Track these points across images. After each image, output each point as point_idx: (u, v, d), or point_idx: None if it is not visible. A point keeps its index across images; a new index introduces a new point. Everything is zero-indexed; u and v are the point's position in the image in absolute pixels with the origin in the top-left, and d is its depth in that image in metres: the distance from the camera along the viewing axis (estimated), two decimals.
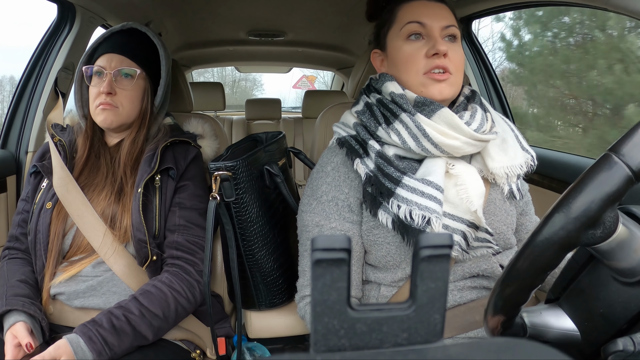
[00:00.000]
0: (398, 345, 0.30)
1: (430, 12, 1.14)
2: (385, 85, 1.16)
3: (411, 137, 1.09)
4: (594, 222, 0.65)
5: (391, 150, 1.13)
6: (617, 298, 0.72)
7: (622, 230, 0.68)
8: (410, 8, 1.16)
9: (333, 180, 1.17)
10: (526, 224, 1.30)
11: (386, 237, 1.12)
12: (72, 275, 1.30)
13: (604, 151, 0.66)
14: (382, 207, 1.09)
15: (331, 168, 1.19)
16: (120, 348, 1.16)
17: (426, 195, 1.04)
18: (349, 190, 1.16)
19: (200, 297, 1.34)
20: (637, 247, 0.69)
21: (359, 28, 2.75)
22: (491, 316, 0.74)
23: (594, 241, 0.67)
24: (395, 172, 1.08)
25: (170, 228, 1.36)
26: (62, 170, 1.35)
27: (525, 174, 1.19)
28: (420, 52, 1.12)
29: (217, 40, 3.31)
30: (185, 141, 1.48)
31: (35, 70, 1.95)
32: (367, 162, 1.12)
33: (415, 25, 1.13)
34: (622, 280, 0.72)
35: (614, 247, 0.69)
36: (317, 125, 1.79)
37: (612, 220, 0.67)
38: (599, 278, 0.76)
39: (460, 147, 1.09)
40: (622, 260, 0.70)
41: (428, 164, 1.10)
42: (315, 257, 0.28)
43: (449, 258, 0.29)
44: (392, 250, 1.12)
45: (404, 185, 1.06)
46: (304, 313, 1.23)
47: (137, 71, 1.41)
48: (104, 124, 1.39)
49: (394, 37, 1.17)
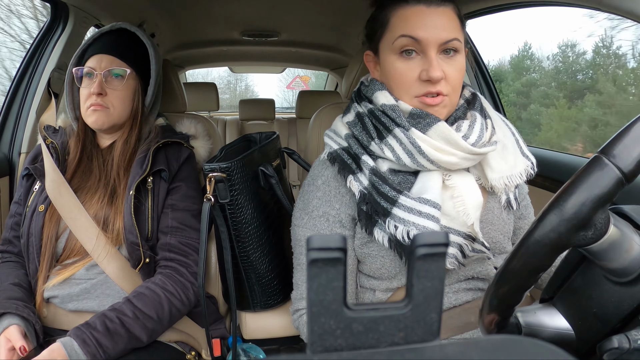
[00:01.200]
0: (395, 344, 0.30)
1: (428, 23, 1.01)
2: (376, 96, 1.08)
3: (405, 154, 1.03)
4: (585, 224, 0.65)
5: (385, 165, 1.07)
6: (610, 297, 0.73)
7: (613, 231, 0.69)
8: (404, 16, 1.03)
9: (324, 195, 1.13)
10: (524, 227, 1.25)
11: (380, 250, 1.09)
12: (66, 279, 1.29)
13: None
14: (378, 225, 1.04)
15: (322, 182, 1.15)
16: (115, 351, 1.16)
17: (424, 215, 1.00)
18: (339, 205, 1.12)
19: (194, 298, 1.34)
20: (628, 248, 0.69)
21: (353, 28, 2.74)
22: (486, 314, 0.74)
23: (586, 242, 0.68)
24: (390, 191, 1.02)
25: (163, 230, 1.35)
26: (55, 173, 1.34)
27: (525, 181, 1.15)
28: (413, 72, 1.03)
29: (211, 41, 3.30)
30: (177, 142, 1.47)
31: (28, 71, 1.93)
32: (360, 179, 1.07)
33: (409, 40, 1.01)
34: (614, 280, 0.72)
35: (606, 248, 0.69)
36: (311, 125, 1.79)
37: (603, 221, 0.67)
38: (591, 278, 0.76)
39: (457, 163, 1.03)
40: (614, 260, 0.70)
41: (424, 178, 1.05)
42: (310, 257, 0.28)
43: (445, 256, 0.29)
44: (387, 263, 1.10)
45: (400, 205, 1.01)
46: (298, 324, 1.23)
47: (127, 71, 1.40)
48: (95, 125, 1.38)
49: (386, 48, 1.07)
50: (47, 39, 1.95)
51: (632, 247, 0.70)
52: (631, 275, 0.70)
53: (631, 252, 0.69)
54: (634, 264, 0.69)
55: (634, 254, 0.69)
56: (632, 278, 0.70)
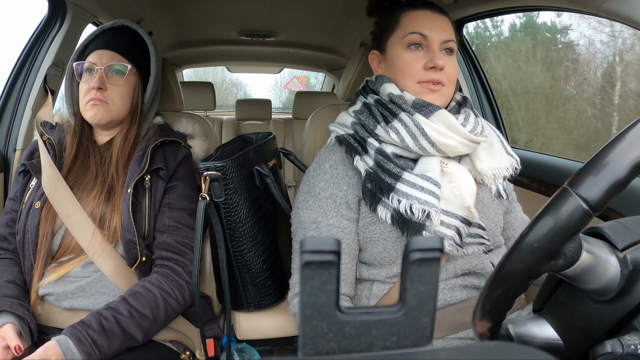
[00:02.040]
0: (387, 348, 0.30)
1: (433, 25, 1.20)
2: (384, 87, 1.21)
3: (409, 136, 1.14)
4: (553, 255, 0.66)
5: (389, 149, 1.17)
6: (592, 314, 0.74)
7: (586, 257, 0.70)
8: (414, 18, 1.22)
9: (331, 178, 1.20)
10: (512, 222, 1.34)
11: (382, 232, 1.15)
12: (61, 276, 1.29)
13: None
14: (382, 202, 1.12)
15: (329, 166, 1.22)
16: (110, 349, 1.16)
17: (425, 190, 1.09)
18: (347, 187, 1.19)
19: (190, 298, 1.34)
20: (603, 271, 0.70)
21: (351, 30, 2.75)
22: (479, 320, 0.75)
23: (557, 269, 0.69)
24: (395, 167, 1.12)
25: (159, 229, 1.35)
26: (51, 169, 1.33)
27: (511, 175, 1.25)
28: (419, 62, 1.18)
29: (208, 40, 3.29)
30: (175, 141, 1.47)
31: (24, 67, 1.93)
32: (366, 160, 1.15)
33: (418, 36, 1.19)
34: (594, 299, 0.73)
35: (580, 273, 0.70)
36: (308, 126, 1.79)
37: (574, 250, 0.68)
38: (573, 294, 0.77)
39: (456, 147, 1.14)
40: (590, 283, 0.71)
41: (424, 162, 1.16)
42: (304, 259, 0.28)
43: (439, 261, 0.29)
44: (389, 246, 1.15)
45: (404, 181, 1.11)
46: (297, 310, 1.23)
47: (127, 66, 1.40)
48: (94, 119, 1.38)
49: (395, 43, 1.23)
50: (44, 35, 1.94)
51: (607, 270, 0.71)
52: (609, 294, 0.71)
53: (606, 274, 0.71)
54: (611, 284, 0.71)
55: (609, 276, 0.71)
56: (611, 297, 0.71)
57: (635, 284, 0.69)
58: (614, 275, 0.70)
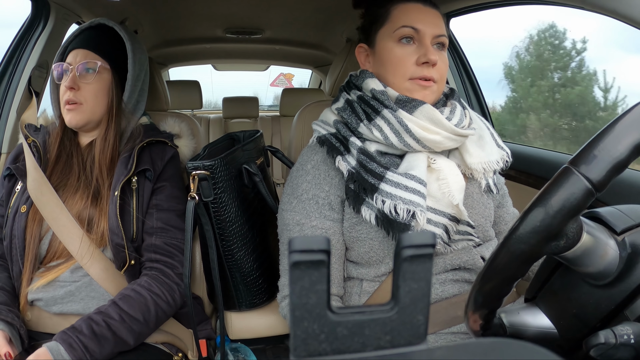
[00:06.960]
0: (381, 348, 0.29)
1: (425, 19, 1.15)
2: (366, 82, 1.17)
3: (393, 133, 1.11)
4: (555, 235, 0.66)
5: (373, 147, 1.14)
6: (588, 299, 0.74)
7: (586, 239, 0.70)
8: (405, 10, 1.17)
9: (313, 179, 1.18)
10: (504, 215, 1.32)
11: (369, 232, 1.13)
12: (50, 281, 1.27)
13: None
14: (365, 203, 1.09)
15: (311, 166, 1.19)
16: (102, 354, 1.15)
17: (410, 190, 1.06)
18: (329, 188, 1.17)
19: (180, 299, 1.33)
20: (602, 253, 0.70)
21: (337, 26, 2.74)
22: (472, 313, 0.74)
23: (558, 251, 0.69)
24: (378, 167, 1.09)
25: (148, 231, 1.34)
26: (36, 172, 1.32)
27: (502, 169, 1.23)
28: (411, 57, 1.14)
29: (194, 38, 3.27)
30: (161, 141, 1.46)
31: (8, 69, 1.90)
32: (348, 159, 1.12)
33: (410, 30, 1.14)
34: (591, 283, 0.73)
35: (580, 255, 0.70)
36: (295, 123, 1.78)
37: (575, 230, 0.68)
38: (569, 280, 0.77)
39: (442, 142, 1.12)
40: (589, 265, 0.71)
41: (410, 158, 1.12)
42: (292, 259, 0.27)
43: (432, 258, 0.29)
44: (375, 246, 1.13)
45: (387, 180, 1.07)
46: (287, 312, 1.23)
47: (98, 63, 1.38)
48: (70, 124, 1.37)
49: (385, 36, 1.18)
50: (28, 36, 1.91)
51: (606, 253, 0.71)
52: (607, 278, 0.71)
53: (606, 257, 0.71)
54: (609, 268, 0.71)
55: (608, 259, 0.71)
56: (609, 281, 0.71)
57: (634, 267, 0.69)
58: (613, 258, 0.70)
